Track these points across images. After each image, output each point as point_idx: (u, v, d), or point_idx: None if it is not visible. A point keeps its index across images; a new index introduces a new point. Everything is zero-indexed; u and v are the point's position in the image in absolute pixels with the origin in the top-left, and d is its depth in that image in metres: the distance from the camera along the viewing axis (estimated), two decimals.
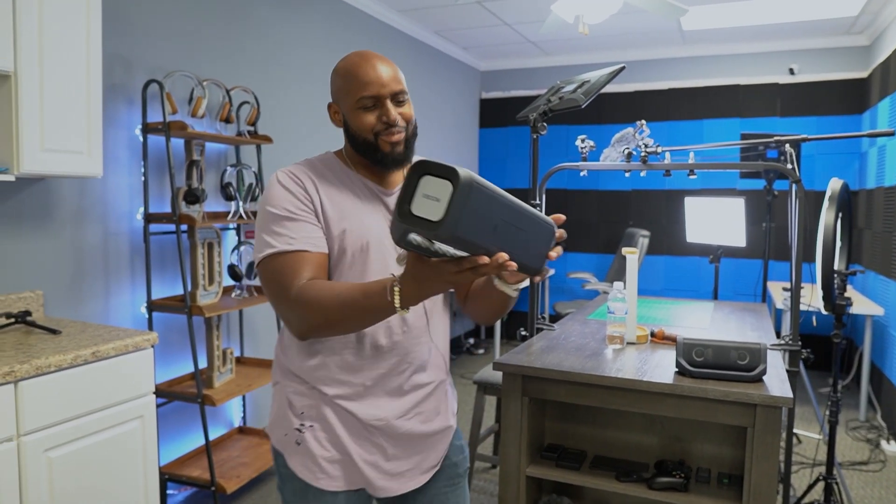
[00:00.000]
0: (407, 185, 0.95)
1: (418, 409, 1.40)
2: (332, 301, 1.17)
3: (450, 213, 0.89)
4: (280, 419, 1.38)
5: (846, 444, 3.86)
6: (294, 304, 1.21)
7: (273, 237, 1.27)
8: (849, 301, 2.47)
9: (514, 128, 6.56)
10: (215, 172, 3.33)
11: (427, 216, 0.92)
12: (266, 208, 1.30)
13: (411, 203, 0.94)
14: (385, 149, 1.33)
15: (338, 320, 1.19)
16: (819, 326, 5.18)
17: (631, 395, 1.87)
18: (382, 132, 1.32)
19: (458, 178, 0.90)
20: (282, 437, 1.37)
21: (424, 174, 0.95)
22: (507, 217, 1.00)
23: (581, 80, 2.42)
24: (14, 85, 2.08)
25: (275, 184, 1.32)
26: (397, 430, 1.37)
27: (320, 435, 1.34)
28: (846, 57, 5.32)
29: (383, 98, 1.32)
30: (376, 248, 1.33)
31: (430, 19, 5.10)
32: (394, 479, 1.38)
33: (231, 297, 3.17)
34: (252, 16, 3.57)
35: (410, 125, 1.37)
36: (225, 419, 3.45)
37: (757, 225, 5.35)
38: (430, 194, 0.93)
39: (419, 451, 1.41)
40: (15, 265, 2.45)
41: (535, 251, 1.09)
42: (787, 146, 2.56)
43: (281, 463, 1.38)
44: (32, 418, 1.86)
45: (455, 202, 0.89)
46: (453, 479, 1.50)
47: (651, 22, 5.03)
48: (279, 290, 1.24)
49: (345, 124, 1.37)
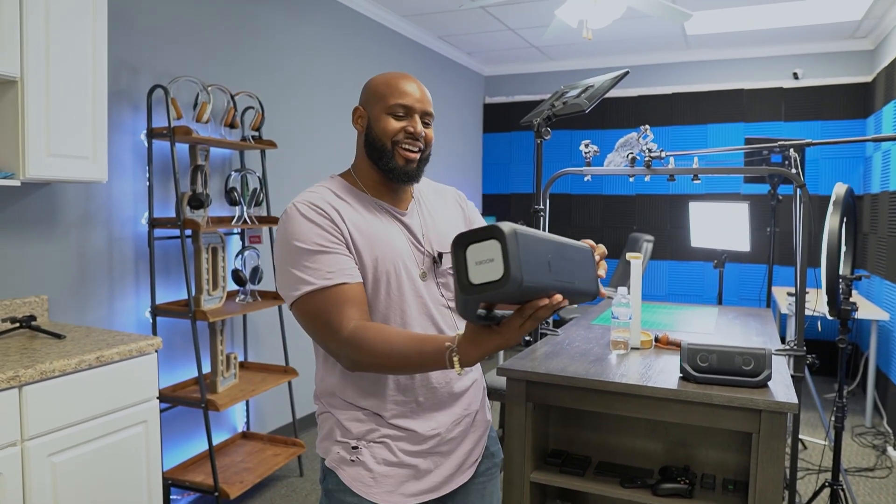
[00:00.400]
0: (456, 262, 0.98)
1: (467, 411, 1.44)
2: (385, 354, 1.18)
3: (510, 266, 0.92)
4: (334, 438, 1.38)
5: (852, 450, 3.84)
6: (345, 345, 1.21)
7: (307, 273, 1.25)
8: (854, 306, 2.46)
9: (518, 132, 6.56)
10: (220, 177, 3.34)
11: (489, 279, 0.95)
12: (294, 243, 1.27)
13: (468, 276, 0.97)
14: (399, 161, 1.35)
15: (388, 369, 1.23)
16: (824, 331, 5.16)
17: (635, 401, 1.86)
18: (402, 142, 1.35)
19: (502, 231, 0.94)
20: (336, 455, 1.36)
21: (468, 245, 0.98)
22: (554, 252, 1.04)
23: (585, 84, 2.42)
24: (20, 90, 2.09)
25: (297, 216, 1.29)
26: (450, 436, 1.40)
27: (378, 452, 1.34)
28: (850, 61, 5.31)
29: (415, 111, 1.36)
30: (406, 271, 1.35)
31: (434, 24, 5.12)
32: (447, 480, 1.41)
33: (235, 302, 3.17)
34: (257, 21, 3.58)
35: (428, 148, 1.40)
36: (228, 424, 3.45)
37: (761, 230, 5.34)
38: (481, 260, 0.96)
39: (467, 449, 1.45)
40: (20, 270, 2.46)
41: (587, 276, 1.13)
42: (792, 151, 2.56)
43: (333, 481, 1.37)
44: (36, 423, 1.87)
45: (509, 253, 0.93)
46: (491, 468, 1.54)
47: (655, 27, 5.04)
48: (327, 330, 1.24)
49: (367, 129, 1.39)
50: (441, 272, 1.41)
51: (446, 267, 1.41)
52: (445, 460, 1.40)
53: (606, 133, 6.07)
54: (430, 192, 1.52)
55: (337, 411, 1.37)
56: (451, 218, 1.50)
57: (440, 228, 1.44)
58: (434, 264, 1.40)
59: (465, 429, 1.44)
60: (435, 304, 1.39)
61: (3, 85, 2.11)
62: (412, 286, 1.35)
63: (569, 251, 1.09)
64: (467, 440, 1.45)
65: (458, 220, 1.52)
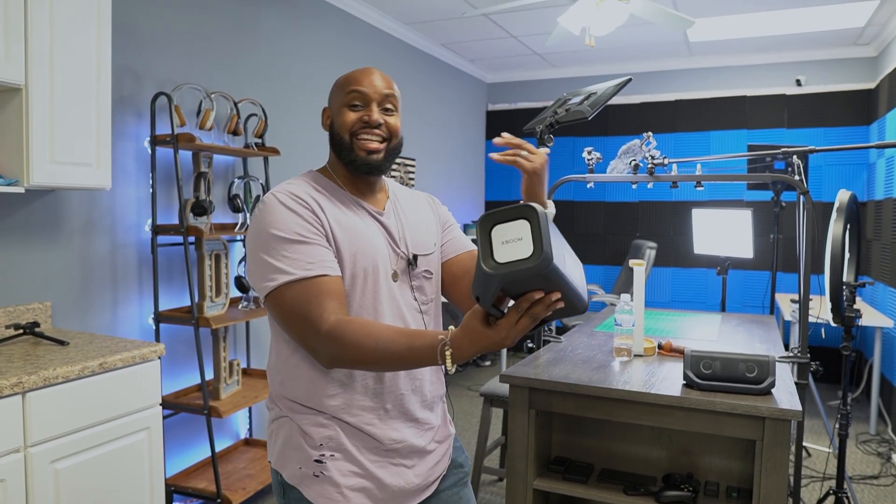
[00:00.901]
0: (482, 241, 0.98)
1: (430, 424, 1.41)
2: (370, 348, 1.14)
3: (542, 243, 0.93)
4: (292, 451, 1.31)
5: (856, 458, 3.82)
6: (325, 339, 1.17)
7: (285, 263, 1.20)
8: (858, 313, 2.45)
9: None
10: (223, 184, 3.35)
11: (517, 257, 0.95)
12: (271, 231, 1.23)
13: (493, 255, 0.97)
14: (360, 153, 1.32)
15: (372, 365, 1.17)
16: (828, 338, 5.14)
17: (638, 408, 1.86)
18: (360, 132, 1.32)
19: (534, 210, 0.95)
20: (296, 470, 1.29)
21: (493, 225, 0.98)
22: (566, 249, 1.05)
23: (588, 91, 2.43)
24: (25, 98, 2.10)
25: (276, 205, 1.25)
26: (414, 448, 1.36)
27: (342, 464, 1.29)
28: (853, 68, 5.32)
29: (371, 99, 1.33)
30: (384, 270, 1.32)
31: (437, 32, 5.13)
32: (416, 491, 1.38)
33: (238, 309, 3.17)
34: (260, 29, 3.60)
35: (395, 138, 1.36)
36: (231, 431, 3.45)
37: (764, 236, 5.33)
38: (509, 239, 0.96)
39: (432, 462, 1.42)
40: (24, 276, 2.46)
41: (583, 285, 1.12)
42: (795, 157, 2.56)
43: (295, 497, 1.30)
44: (39, 429, 1.87)
45: (541, 232, 0.94)
46: (461, 478, 1.52)
47: (657, 34, 5.05)
48: (305, 323, 1.19)
49: (330, 126, 1.37)
50: (415, 275, 1.38)
51: (421, 269, 1.39)
52: (410, 471, 1.36)
53: (609, 140, 6.08)
54: (404, 194, 1.51)
55: (297, 415, 1.31)
56: (425, 220, 1.48)
57: (415, 230, 1.43)
58: (408, 266, 1.37)
59: (429, 440, 1.40)
60: (407, 306, 1.36)
61: (7, 92, 2.12)
62: (387, 286, 1.32)
63: (572, 253, 1.09)
64: (434, 452, 1.42)
65: (432, 222, 1.49)
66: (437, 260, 1.46)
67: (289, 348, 1.31)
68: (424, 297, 1.41)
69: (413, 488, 1.37)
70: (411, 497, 1.37)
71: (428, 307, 1.41)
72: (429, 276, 1.42)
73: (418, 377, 1.37)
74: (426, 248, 1.42)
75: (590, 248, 6.26)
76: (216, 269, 3.00)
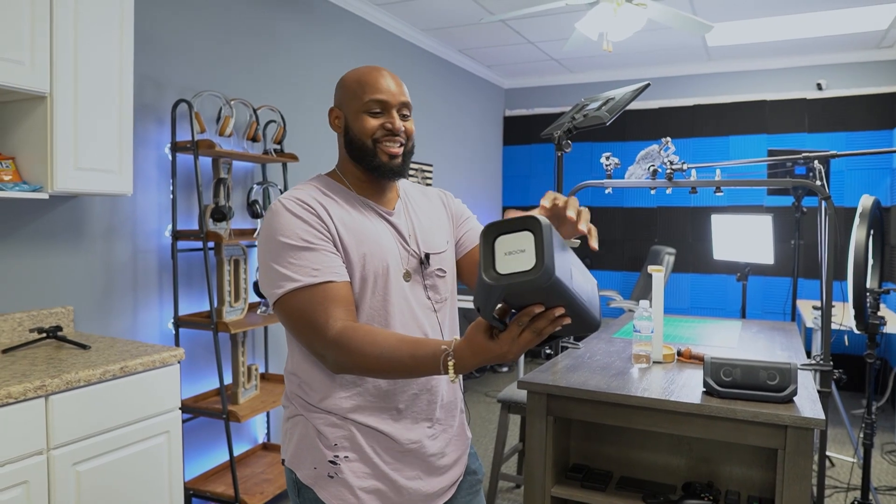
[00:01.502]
0: (484, 251, 0.97)
1: (445, 426, 1.41)
2: (374, 357, 1.15)
3: (544, 257, 0.91)
4: (307, 451, 1.32)
5: (882, 468, 3.75)
6: (331, 346, 1.18)
7: (291, 270, 1.21)
8: (882, 320, 2.41)
9: (538, 145, 6.56)
10: (242, 190, 3.38)
11: (518, 269, 0.93)
12: (278, 238, 1.24)
13: (495, 266, 0.96)
14: (383, 158, 1.33)
15: (377, 373, 1.19)
16: (851, 346, 5.06)
17: (657, 416, 1.84)
18: (382, 139, 1.33)
19: (537, 222, 0.93)
20: (311, 470, 1.31)
21: (497, 236, 0.97)
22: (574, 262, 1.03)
23: (605, 97, 2.42)
24: (50, 106, 2.14)
25: (283, 212, 1.26)
26: (429, 450, 1.36)
27: (357, 466, 1.29)
28: (875, 71, 5.25)
29: (391, 106, 1.33)
30: (395, 272, 1.32)
31: (454, 38, 5.15)
32: (431, 496, 1.38)
33: (256, 314, 3.20)
34: (278, 36, 3.63)
35: (410, 140, 1.38)
36: (249, 435, 3.47)
37: (785, 242, 5.27)
38: (511, 250, 0.95)
39: (448, 466, 1.42)
40: (47, 281, 2.50)
41: (595, 302, 1.10)
42: (816, 162, 2.53)
43: (309, 497, 1.31)
44: (62, 432, 1.89)
45: (544, 245, 0.92)
46: (474, 485, 1.51)
47: (676, 38, 5.02)
48: (312, 330, 1.20)
49: (345, 130, 1.37)
50: (428, 273, 1.38)
51: (434, 268, 1.39)
52: (426, 474, 1.36)
53: (627, 145, 6.05)
54: (415, 192, 1.50)
55: (312, 415, 1.32)
56: (437, 218, 1.47)
57: (427, 229, 1.42)
58: (420, 265, 1.37)
59: (445, 443, 1.40)
60: (420, 306, 1.35)
61: (32, 100, 2.16)
62: (398, 287, 1.32)
63: (584, 269, 1.07)
64: (450, 456, 1.41)
65: (444, 219, 1.49)
66: (450, 258, 1.45)
67: (303, 351, 1.32)
68: (438, 296, 1.40)
69: (428, 492, 1.36)
70: (425, 501, 1.37)
71: (441, 306, 1.41)
72: (442, 275, 1.41)
73: (433, 378, 1.37)
74: (438, 247, 1.42)
75: (608, 253, 6.22)
76: (235, 275, 3.03)
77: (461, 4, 4.29)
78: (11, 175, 2.18)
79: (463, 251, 1.49)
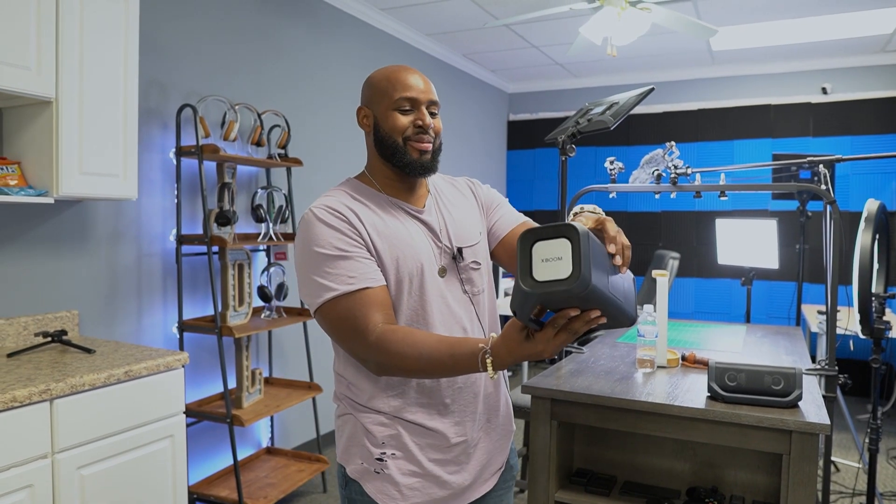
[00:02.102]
0: (521, 257, 0.98)
1: (493, 416, 1.43)
2: (414, 358, 1.18)
3: (581, 265, 0.93)
4: (356, 448, 1.36)
5: (887, 474, 3.73)
6: (372, 350, 1.21)
7: (329, 279, 1.24)
8: (888, 325, 2.40)
9: (542, 150, 6.56)
10: (246, 195, 3.38)
11: (555, 277, 0.95)
12: (313, 249, 1.26)
13: (532, 272, 0.97)
14: (413, 155, 1.34)
15: (417, 373, 1.23)
16: (857, 351, 5.04)
17: (662, 420, 1.83)
18: (413, 137, 1.33)
19: (575, 230, 0.94)
20: (359, 465, 1.34)
21: (534, 242, 0.98)
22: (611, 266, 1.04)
23: (610, 101, 2.42)
24: (55, 111, 2.15)
25: (315, 222, 1.28)
26: (476, 442, 1.38)
27: (402, 464, 1.32)
28: (880, 75, 5.24)
29: (421, 103, 1.35)
30: (429, 270, 1.33)
31: (458, 43, 5.16)
32: (472, 487, 1.40)
33: (260, 318, 3.20)
34: (283, 41, 3.65)
35: (439, 138, 1.39)
36: (253, 439, 3.47)
37: (790, 247, 5.25)
38: (548, 257, 0.96)
39: (492, 457, 1.43)
40: (52, 285, 2.51)
41: (631, 300, 1.11)
42: (821, 166, 2.52)
43: (356, 490, 1.35)
44: (66, 436, 1.90)
45: (581, 253, 0.93)
46: (508, 481, 1.52)
47: (680, 43, 5.02)
48: (353, 335, 1.23)
49: (375, 128, 1.37)
50: (462, 267, 1.39)
51: (468, 261, 1.40)
52: (469, 467, 1.38)
53: (631, 150, 6.04)
54: (444, 185, 1.51)
55: (360, 414, 1.35)
56: (468, 209, 1.49)
57: (459, 222, 1.43)
58: (454, 260, 1.38)
59: (490, 434, 1.42)
60: (457, 301, 1.37)
61: (38, 105, 2.17)
62: (434, 284, 1.33)
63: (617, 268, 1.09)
64: (492, 447, 1.43)
65: (475, 208, 1.50)
66: (483, 248, 1.46)
67: (346, 354, 1.36)
68: (475, 288, 1.41)
69: (469, 485, 1.38)
70: (468, 493, 1.39)
71: (478, 297, 1.42)
72: (476, 267, 1.42)
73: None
74: (471, 240, 1.43)
75: None
76: (239, 279, 3.03)
77: (466, 9, 4.30)
78: (17, 180, 2.19)
79: (497, 238, 1.49)
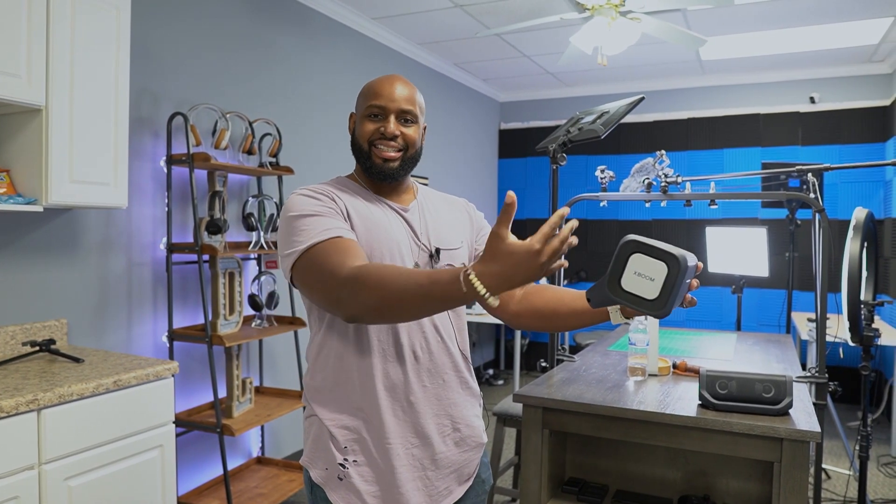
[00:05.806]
0: (617, 259, 1.00)
1: (459, 424, 1.42)
2: (390, 281, 1.08)
3: (668, 298, 0.97)
4: (321, 452, 1.35)
5: (878, 481, 3.75)
6: (346, 285, 1.12)
7: (303, 235, 1.24)
8: (877, 332, 2.42)
9: (534, 158, 6.58)
10: (237, 203, 3.37)
11: (640, 293, 0.98)
12: (289, 215, 1.28)
13: (621, 278, 1.00)
14: (376, 161, 1.38)
15: (394, 306, 1.09)
16: (846, 358, 5.07)
17: (653, 428, 1.83)
18: (377, 142, 1.37)
19: (677, 261, 0.96)
20: (323, 471, 1.35)
21: (634, 251, 1.00)
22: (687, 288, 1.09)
23: (600, 110, 2.43)
24: (45, 118, 2.14)
25: (295, 196, 1.32)
26: (439, 450, 1.38)
27: (364, 470, 1.32)
28: (868, 85, 5.29)
29: (389, 111, 1.37)
30: (401, 261, 1.34)
31: (450, 52, 5.17)
32: (436, 496, 1.38)
33: (251, 327, 3.18)
34: (275, 50, 3.65)
35: (411, 148, 1.40)
36: (244, 449, 3.44)
37: (780, 255, 5.28)
38: (641, 272, 0.99)
39: (458, 466, 1.42)
40: (41, 294, 2.49)
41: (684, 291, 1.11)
42: (810, 175, 2.54)
43: (320, 496, 1.35)
44: (54, 447, 1.87)
45: (673, 286, 0.96)
46: (481, 495, 1.51)
47: (670, 52, 5.06)
48: (325, 276, 1.17)
49: (353, 133, 1.43)
50: (438, 268, 1.38)
51: (444, 263, 1.41)
52: (435, 475, 1.37)
53: (622, 158, 6.07)
54: (436, 197, 1.53)
55: (324, 415, 1.35)
56: (456, 222, 1.50)
57: (441, 227, 1.45)
58: (430, 259, 1.40)
59: (457, 442, 1.41)
60: None
61: (28, 113, 2.16)
62: None
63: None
64: (460, 456, 1.42)
65: (465, 225, 1.52)
66: (462, 256, 1.47)
67: (318, 349, 1.37)
68: None
69: (436, 491, 1.37)
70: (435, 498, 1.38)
71: None
72: None
73: (444, 372, 1.38)
74: (450, 244, 1.44)
75: (603, 266, 6.22)
76: (230, 288, 3.02)
77: (457, 19, 4.32)
78: (6, 188, 2.17)
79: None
